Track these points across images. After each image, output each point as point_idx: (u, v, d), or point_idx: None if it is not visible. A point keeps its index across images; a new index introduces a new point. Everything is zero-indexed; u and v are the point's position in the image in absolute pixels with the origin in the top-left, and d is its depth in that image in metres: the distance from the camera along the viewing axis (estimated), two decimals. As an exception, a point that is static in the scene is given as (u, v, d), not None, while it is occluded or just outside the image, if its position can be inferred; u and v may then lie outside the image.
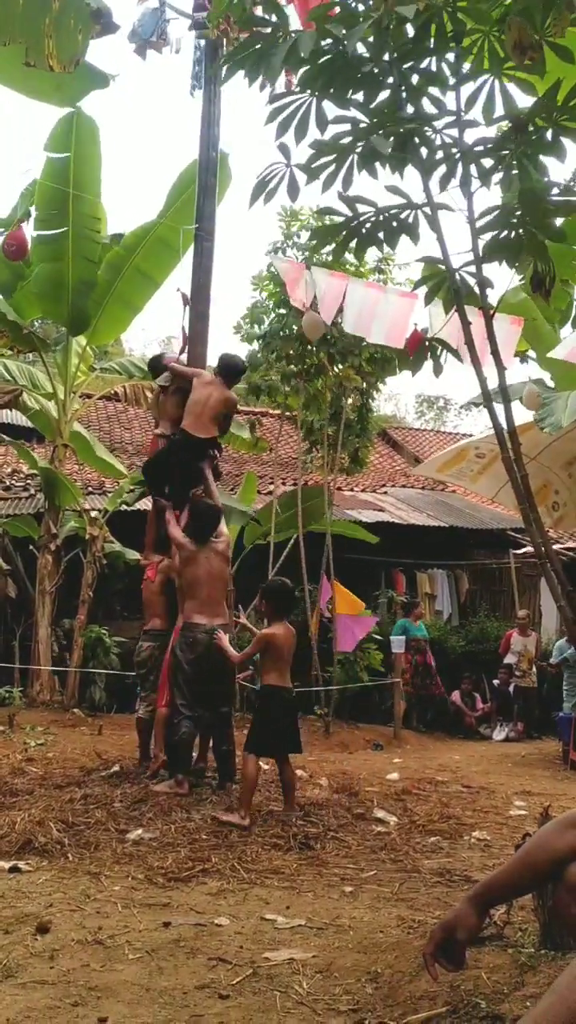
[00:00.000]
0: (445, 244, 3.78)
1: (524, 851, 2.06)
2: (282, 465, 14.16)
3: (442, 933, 2.05)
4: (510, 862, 2.07)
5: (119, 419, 19.45)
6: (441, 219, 3.76)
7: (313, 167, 3.56)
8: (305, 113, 3.54)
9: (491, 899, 2.09)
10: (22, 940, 3.58)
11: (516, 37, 3.10)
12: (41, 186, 10.80)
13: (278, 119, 3.54)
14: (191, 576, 6.60)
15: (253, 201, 3.77)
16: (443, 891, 4.54)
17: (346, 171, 3.57)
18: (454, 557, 15.52)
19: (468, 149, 3.58)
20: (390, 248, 3.83)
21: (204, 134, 8.20)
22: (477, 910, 2.04)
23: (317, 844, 5.31)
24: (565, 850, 1.98)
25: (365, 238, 3.78)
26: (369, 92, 3.52)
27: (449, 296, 3.96)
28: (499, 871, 2.08)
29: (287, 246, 11.62)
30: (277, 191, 3.73)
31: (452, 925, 2.05)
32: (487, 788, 7.85)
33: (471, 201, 3.69)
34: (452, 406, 37.80)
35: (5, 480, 15.17)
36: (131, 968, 3.33)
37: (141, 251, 11.44)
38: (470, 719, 12.82)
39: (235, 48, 3.64)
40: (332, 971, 3.36)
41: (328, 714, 11.42)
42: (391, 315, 8.09)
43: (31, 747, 8.63)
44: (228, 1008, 3.00)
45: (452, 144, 3.61)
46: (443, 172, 3.64)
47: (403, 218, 3.72)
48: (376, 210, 3.69)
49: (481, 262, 3.74)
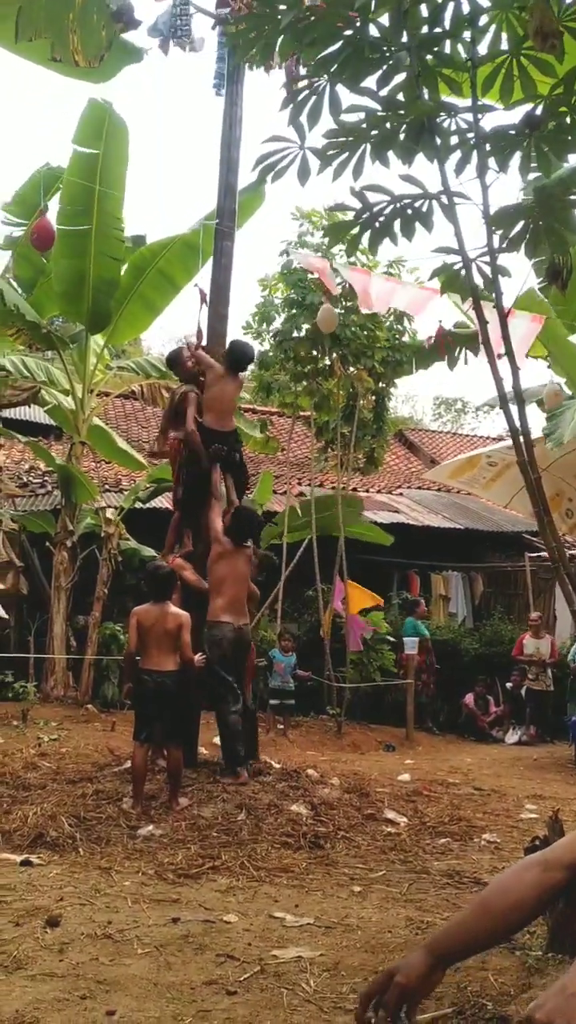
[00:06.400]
0: (461, 233, 3.76)
1: (482, 897, 1.82)
2: (297, 465, 14.16)
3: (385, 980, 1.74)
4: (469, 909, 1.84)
5: (136, 418, 19.50)
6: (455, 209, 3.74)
7: (328, 154, 3.53)
8: (318, 99, 3.52)
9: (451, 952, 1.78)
10: (32, 933, 3.61)
11: (539, 22, 3.05)
12: (68, 181, 10.81)
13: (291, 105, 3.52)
14: (221, 574, 6.69)
15: (261, 178, 3.75)
16: (452, 892, 4.54)
17: (357, 160, 3.54)
18: (469, 559, 15.48)
19: (485, 135, 3.54)
20: (407, 239, 3.77)
21: (225, 134, 8.23)
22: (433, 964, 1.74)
23: (327, 843, 5.32)
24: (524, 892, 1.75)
25: (379, 231, 3.76)
26: (384, 76, 3.48)
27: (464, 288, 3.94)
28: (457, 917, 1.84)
29: (299, 246, 11.62)
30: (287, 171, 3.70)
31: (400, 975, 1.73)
32: (498, 791, 7.83)
33: (486, 190, 3.66)
34: (470, 408, 37.67)
35: (22, 477, 15.25)
36: (140, 963, 3.35)
37: (164, 255, 11.48)
38: (483, 722, 12.78)
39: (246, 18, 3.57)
40: (339, 970, 3.37)
41: (340, 714, 11.41)
42: (412, 296, 8.32)
43: (44, 742, 8.68)
44: (235, 1004, 3.02)
45: (468, 129, 3.57)
46: (458, 159, 3.60)
47: (418, 207, 3.69)
48: (391, 199, 3.67)
49: (497, 252, 3.72)
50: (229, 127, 8.25)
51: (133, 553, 12.20)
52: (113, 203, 10.97)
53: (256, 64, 3.72)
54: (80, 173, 10.67)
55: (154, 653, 5.92)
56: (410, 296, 8.53)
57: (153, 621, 5.93)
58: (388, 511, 15.24)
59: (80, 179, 10.64)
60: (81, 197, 10.78)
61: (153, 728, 5.97)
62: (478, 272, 3.85)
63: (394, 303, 8.74)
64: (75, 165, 10.75)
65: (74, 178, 10.70)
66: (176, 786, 5.93)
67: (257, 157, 3.73)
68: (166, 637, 5.92)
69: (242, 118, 8.34)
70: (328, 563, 11.79)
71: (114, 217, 11.11)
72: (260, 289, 11.99)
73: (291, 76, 7.07)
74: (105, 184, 10.73)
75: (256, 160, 3.74)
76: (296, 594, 12.93)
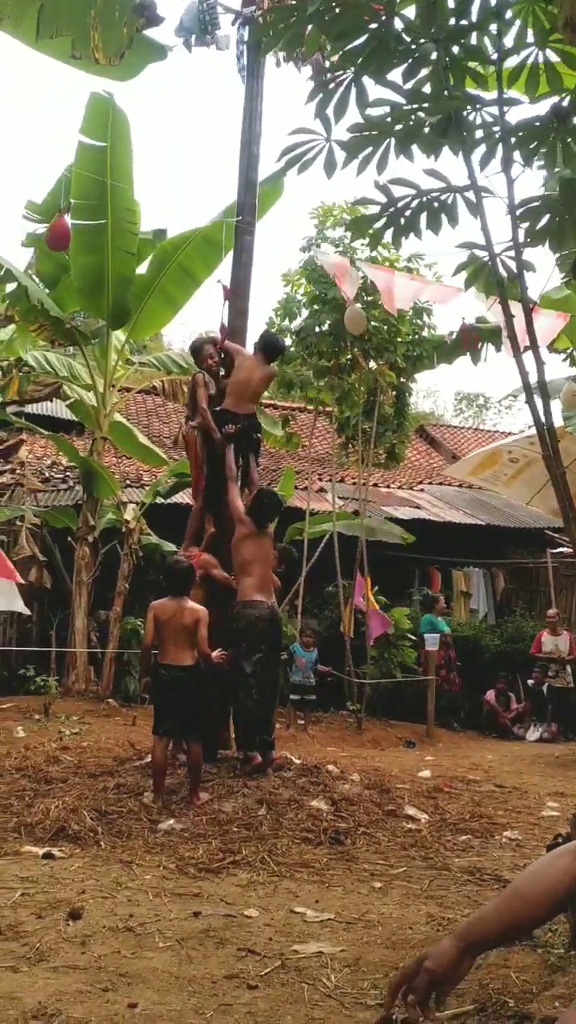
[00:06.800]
0: (488, 227, 3.73)
1: (513, 885, 1.81)
2: (317, 461, 14.14)
3: (415, 967, 1.74)
4: (501, 896, 1.82)
5: (157, 413, 19.55)
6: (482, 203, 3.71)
7: (353, 147, 3.51)
8: (345, 92, 3.50)
9: (481, 940, 1.75)
10: (54, 925, 3.63)
11: (569, 13, 3.01)
12: (77, 175, 10.83)
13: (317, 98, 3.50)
14: (248, 554, 6.70)
15: (287, 170, 3.73)
16: (473, 889, 4.52)
17: (382, 154, 3.53)
18: (491, 555, 15.42)
19: (511, 129, 3.51)
20: (433, 233, 3.75)
21: (246, 129, 8.23)
22: (463, 951, 1.72)
23: (347, 839, 5.31)
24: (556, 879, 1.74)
25: (404, 226, 3.74)
26: (409, 69, 3.46)
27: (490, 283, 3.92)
28: (489, 905, 1.81)
29: (320, 241, 11.59)
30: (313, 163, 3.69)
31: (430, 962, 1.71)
32: (520, 788, 7.79)
33: (512, 184, 3.63)
34: (491, 403, 37.47)
35: (44, 472, 15.32)
36: (161, 956, 3.36)
37: (185, 249, 11.48)
38: (504, 718, 12.73)
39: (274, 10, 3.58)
40: (360, 965, 3.37)
41: (360, 710, 11.41)
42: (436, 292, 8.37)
43: (66, 736, 8.72)
44: (256, 998, 3.02)
45: (493, 123, 3.55)
46: (483, 152, 3.57)
47: (443, 200, 3.67)
48: (416, 192, 3.65)
49: (522, 247, 3.69)
50: (249, 122, 8.25)
51: (154, 548, 12.24)
52: (125, 197, 10.97)
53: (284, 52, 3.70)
54: (89, 167, 10.66)
55: (171, 648, 5.94)
56: (434, 292, 8.56)
57: (170, 615, 5.94)
58: (409, 507, 15.20)
59: (90, 173, 10.64)
60: (92, 192, 10.78)
61: (171, 722, 5.99)
62: (503, 267, 3.82)
63: (422, 297, 8.77)
64: (82, 159, 10.75)
65: (83, 172, 10.70)
66: (196, 780, 5.94)
67: (283, 148, 3.71)
68: (183, 632, 5.93)
69: (262, 113, 8.34)
70: (349, 559, 11.77)
71: (128, 211, 11.11)
72: (283, 285, 11.98)
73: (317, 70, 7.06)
74: (114, 178, 10.73)
75: (282, 151, 3.73)
76: (317, 590, 12.93)
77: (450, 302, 8.44)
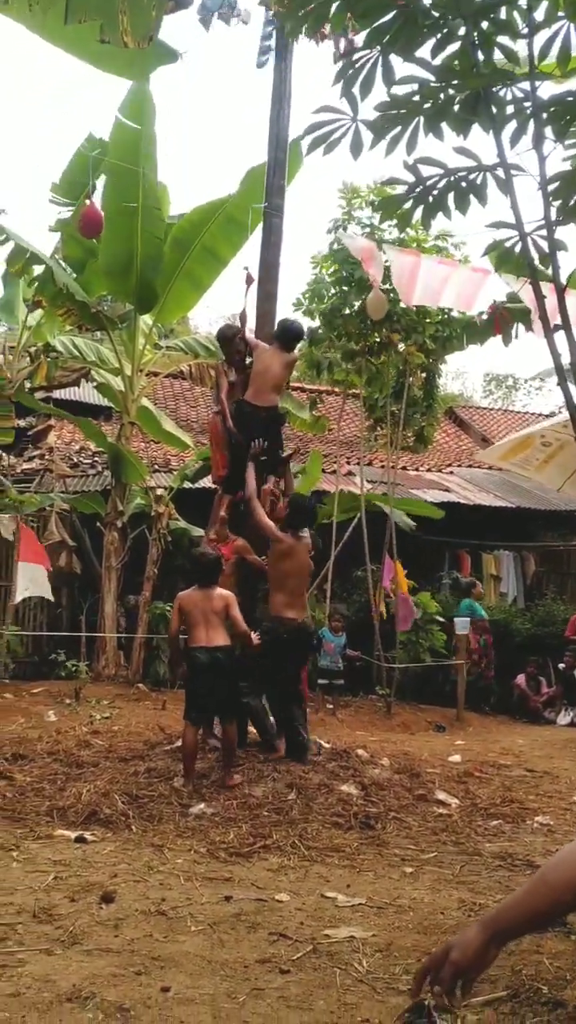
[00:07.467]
0: (518, 206, 3.66)
1: (540, 872, 1.77)
2: (346, 444, 14.08)
3: (440, 956, 1.73)
4: (527, 884, 1.79)
5: (185, 397, 19.56)
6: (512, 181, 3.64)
7: (381, 127, 3.45)
8: (371, 69, 3.45)
9: (507, 928, 1.74)
10: (87, 908, 3.66)
11: None
12: (112, 164, 10.81)
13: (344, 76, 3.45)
14: (285, 569, 6.65)
15: (311, 150, 3.68)
16: (505, 875, 4.50)
17: (411, 134, 3.47)
18: (521, 538, 15.29)
19: (542, 104, 3.43)
20: (461, 213, 3.69)
21: (274, 111, 8.16)
22: (488, 940, 1.71)
23: (378, 824, 5.31)
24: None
25: (432, 205, 3.68)
26: (438, 45, 3.39)
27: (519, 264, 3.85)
28: (514, 894, 1.79)
29: (348, 223, 11.48)
30: (339, 144, 3.64)
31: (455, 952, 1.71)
32: (551, 773, 7.75)
33: (543, 161, 3.56)
34: (521, 385, 37.11)
35: (72, 457, 15.39)
36: (193, 940, 3.38)
37: (209, 229, 11.41)
38: (535, 703, 12.66)
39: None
40: (392, 950, 3.36)
41: (390, 694, 11.39)
42: (462, 285, 8.13)
43: (96, 720, 8.79)
44: (288, 983, 3.03)
45: (524, 98, 3.47)
46: (513, 129, 3.50)
47: (472, 179, 3.61)
48: (444, 172, 3.59)
49: (554, 225, 3.62)
50: (277, 104, 8.18)
51: (182, 533, 12.27)
52: (151, 182, 10.94)
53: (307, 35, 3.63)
54: (122, 152, 10.65)
55: (203, 631, 5.96)
56: (461, 280, 8.32)
57: (196, 604, 5.98)
58: (439, 490, 15.11)
59: (123, 158, 10.62)
60: (125, 177, 10.77)
61: (205, 704, 6.00)
62: (534, 246, 3.76)
63: (442, 301, 8.51)
64: (117, 145, 10.73)
65: (117, 159, 10.69)
66: (230, 761, 5.97)
67: (306, 127, 3.66)
68: (215, 616, 5.96)
69: (291, 95, 8.26)
70: (378, 542, 11.72)
71: (154, 195, 11.08)
72: (311, 266, 11.89)
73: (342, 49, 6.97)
74: (145, 163, 10.71)
75: (305, 130, 3.69)
76: (346, 574, 12.90)
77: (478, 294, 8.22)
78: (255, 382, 7.23)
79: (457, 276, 8.29)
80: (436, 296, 8.32)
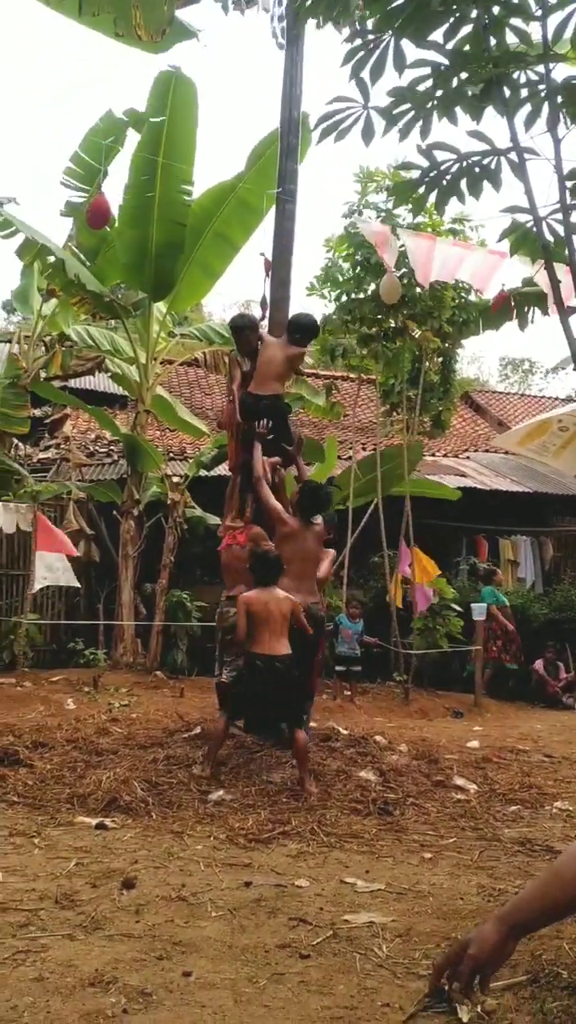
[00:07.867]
0: (532, 191, 3.63)
1: (554, 865, 1.80)
2: (361, 429, 14.04)
3: (458, 951, 1.77)
4: (541, 877, 1.82)
5: (200, 385, 19.57)
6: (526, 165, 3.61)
7: (394, 113, 3.43)
8: (382, 53, 3.42)
9: (523, 922, 1.78)
10: (109, 894, 3.69)
11: None
12: (136, 155, 10.77)
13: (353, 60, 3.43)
14: (288, 553, 6.53)
15: (323, 138, 3.66)
16: (524, 860, 4.51)
17: (424, 119, 3.44)
18: (538, 523, 15.24)
19: (557, 87, 3.40)
20: (474, 198, 3.66)
21: (286, 94, 8.13)
22: (505, 935, 1.74)
23: (396, 810, 5.32)
24: None
25: (446, 189, 3.65)
26: (450, 29, 3.35)
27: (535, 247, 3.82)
28: (529, 887, 1.82)
29: (362, 207, 11.41)
30: (351, 131, 3.61)
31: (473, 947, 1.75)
32: (569, 758, 7.74)
33: (559, 144, 3.52)
34: (537, 369, 36.91)
35: (89, 446, 15.44)
36: (214, 925, 3.40)
37: (221, 215, 11.37)
38: (553, 688, 12.64)
39: None
40: (411, 936, 3.37)
41: (407, 681, 11.40)
42: (478, 265, 8.14)
43: (115, 708, 8.85)
44: (308, 967, 3.04)
45: (538, 81, 3.43)
46: (528, 112, 3.47)
47: (486, 164, 3.58)
48: (458, 156, 3.56)
49: (570, 208, 3.59)
50: (290, 87, 8.15)
51: (198, 521, 12.30)
52: (180, 169, 10.85)
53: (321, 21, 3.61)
54: (148, 141, 10.61)
55: (266, 638, 5.80)
56: (477, 262, 8.32)
57: (263, 606, 5.83)
58: (455, 475, 15.07)
59: (148, 147, 10.58)
60: (148, 167, 10.73)
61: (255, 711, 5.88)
62: (548, 230, 3.72)
63: (459, 274, 8.55)
64: (144, 134, 10.69)
65: (142, 150, 10.64)
66: (305, 769, 5.70)
67: (319, 116, 3.65)
68: (281, 621, 5.82)
69: (303, 78, 8.23)
70: (394, 528, 11.70)
71: (180, 181, 10.99)
72: (325, 250, 11.84)
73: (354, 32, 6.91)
74: (172, 150, 10.62)
75: (318, 119, 3.67)
76: (362, 560, 12.89)
77: (494, 275, 8.22)
78: (259, 373, 7.23)
79: (473, 257, 8.29)
80: (453, 272, 8.34)
